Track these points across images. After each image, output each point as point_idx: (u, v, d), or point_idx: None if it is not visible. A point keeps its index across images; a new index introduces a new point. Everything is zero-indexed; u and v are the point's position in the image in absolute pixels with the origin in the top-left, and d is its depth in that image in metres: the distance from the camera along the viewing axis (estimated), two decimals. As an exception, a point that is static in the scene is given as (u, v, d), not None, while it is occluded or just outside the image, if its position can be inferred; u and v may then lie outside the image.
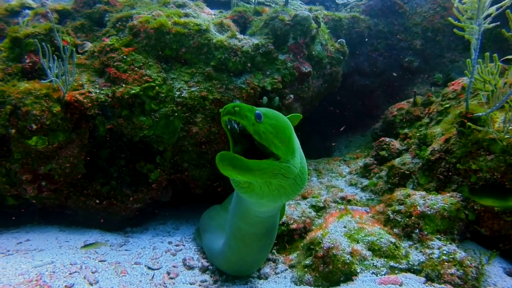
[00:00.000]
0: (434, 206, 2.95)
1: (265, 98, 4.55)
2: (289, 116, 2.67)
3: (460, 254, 2.57)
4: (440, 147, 3.54)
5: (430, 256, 2.67)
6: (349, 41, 6.27)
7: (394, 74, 6.45)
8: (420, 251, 2.81)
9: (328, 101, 6.52)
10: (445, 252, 2.62)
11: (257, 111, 1.87)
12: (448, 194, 3.07)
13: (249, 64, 4.59)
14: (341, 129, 6.68)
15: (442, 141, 3.56)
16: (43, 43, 3.85)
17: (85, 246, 3.56)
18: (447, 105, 4.20)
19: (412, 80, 6.66)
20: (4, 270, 2.90)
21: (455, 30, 3.45)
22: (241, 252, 2.77)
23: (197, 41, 4.51)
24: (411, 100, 5.31)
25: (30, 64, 4.15)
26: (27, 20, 4.95)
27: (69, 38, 4.57)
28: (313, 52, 5.14)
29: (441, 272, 2.48)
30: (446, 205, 2.94)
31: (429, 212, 2.94)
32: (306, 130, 6.89)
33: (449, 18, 3.47)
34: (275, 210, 2.49)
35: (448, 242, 2.76)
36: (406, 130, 4.87)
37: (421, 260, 2.71)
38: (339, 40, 5.77)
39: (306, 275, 2.86)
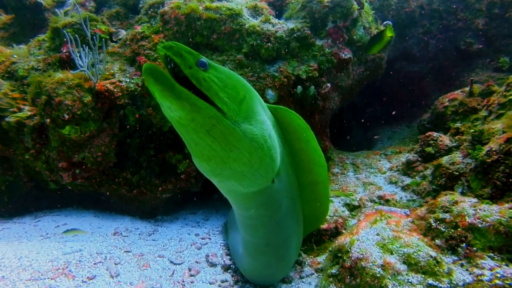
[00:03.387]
0: (488, 219, 2.53)
1: (299, 87, 4.26)
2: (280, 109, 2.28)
3: (517, 280, 2.17)
4: (500, 147, 3.04)
5: (479, 277, 2.30)
6: (398, 23, 5.67)
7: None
8: (467, 270, 2.44)
9: (371, 89, 6.02)
10: (499, 275, 2.23)
11: (202, 59, 1.61)
12: (507, 205, 2.62)
13: (283, 51, 4.30)
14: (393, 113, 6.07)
15: (503, 140, 3.05)
16: (71, 34, 3.90)
17: (66, 231, 3.62)
18: (512, 97, 3.60)
19: (470, 66, 5.90)
20: (37, 255, 3.04)
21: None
22: (251, 264, 2.60)
23: (229, 27, 4.30)
24: (467, 89, 4.67)
25: (67, 53, 4.23)
26: (66, 10, 5.08)
27: (103, 27, 4.60)
28: (354, 37, 4.69)
29: (492, 300, 2.11)
30: (503, 219, 2.50)
31: (480, 225, 2.54)
32: (346, 121, 6.47)
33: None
34: (262, 211, 2.16)
35: (503, 263, 2.35)
36: (458, 124, 4.31)
37: (468, 280, 2.35)
38: (384, 23, 5.21)
39: (331, 285, 2.63)
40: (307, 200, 2.81)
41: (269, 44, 4.22)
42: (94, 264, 2.95)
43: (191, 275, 2.99)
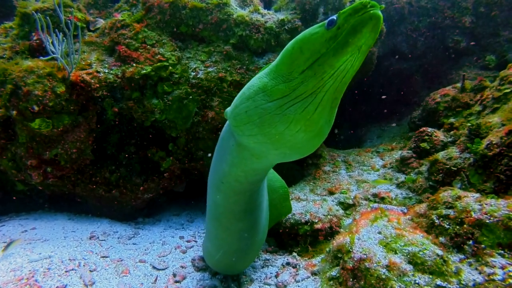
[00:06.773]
0: (495, 214, 2.38)
1: (289, 80, 4.05)
2: None
3: (533, 278, 2.02)
4: (501, 140, 2.93)
5: (491, 277, 2.14)
6: (386, 19, 5.59)
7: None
8: (476, 269, 2.28)
9: (360, 86, 5.90)
10: (512, 274, 2.08)
11: None
12: (514, 199, 2.49)
13: (273, 42, 4.09)
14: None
15: (504, 133, 2.94)
16: (41, 19, 3.54)
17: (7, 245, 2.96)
18: (508, 90, 3.52)
19: (458, 63, 5.88)
20: (-2, 263, 2.67)
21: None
22: (219, 238, 2.34)
23: (216, 17, 4.05)
24: (458, 85, 4.62)
25: (38, 41, 3.87)
26: (38, -4, 4.69)
27: (80, 15, 4.25)
28: (346, 29, 4.53)
29: (509, 301, 1.95)
30: None
31: (488, 221, 2.38)
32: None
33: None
34: (261, 175, 2.03)
35: (514, 260, 2.20)
36: (452, 120, 4.22)
37: (478, 280, 2.18)
38: (375, 17, 5.10)
39: (332, 289, 2.42)
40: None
41: (258, 35, 4.00)
42: (66, 272, 2.61)
43: (176, 281, 2.70)
